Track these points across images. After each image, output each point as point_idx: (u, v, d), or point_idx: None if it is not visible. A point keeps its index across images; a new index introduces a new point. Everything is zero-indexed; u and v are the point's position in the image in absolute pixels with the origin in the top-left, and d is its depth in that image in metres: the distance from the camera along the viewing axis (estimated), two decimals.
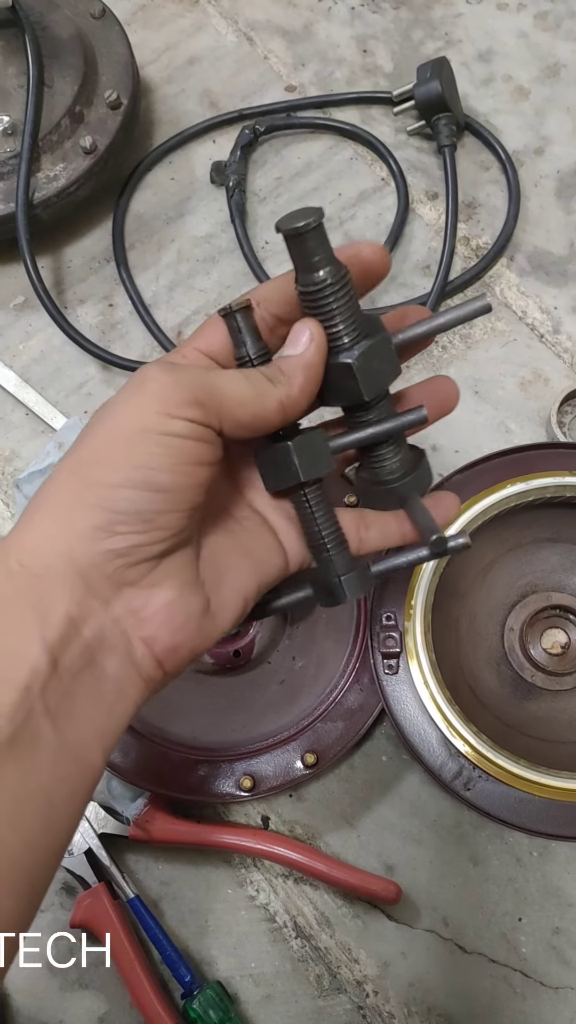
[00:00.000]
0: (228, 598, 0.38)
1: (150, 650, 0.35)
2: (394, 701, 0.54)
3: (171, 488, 0.34)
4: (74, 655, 0.33)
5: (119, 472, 0.34)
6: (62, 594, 0.33)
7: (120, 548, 0.34)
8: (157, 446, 0.34)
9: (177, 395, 0.34)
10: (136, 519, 0.34)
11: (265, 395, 0.36)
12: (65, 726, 0.32)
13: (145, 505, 0.34)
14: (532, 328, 0.71)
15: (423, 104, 0.73)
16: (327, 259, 0.36)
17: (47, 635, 0.32)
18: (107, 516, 0.34)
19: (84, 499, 0.34)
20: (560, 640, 0.60)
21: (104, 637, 0.34)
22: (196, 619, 0.36)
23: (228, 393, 0.35)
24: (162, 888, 0.59)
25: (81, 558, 0.33)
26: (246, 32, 0.82)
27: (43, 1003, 0.57)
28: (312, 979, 0.57)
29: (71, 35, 0.71)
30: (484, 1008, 0.56)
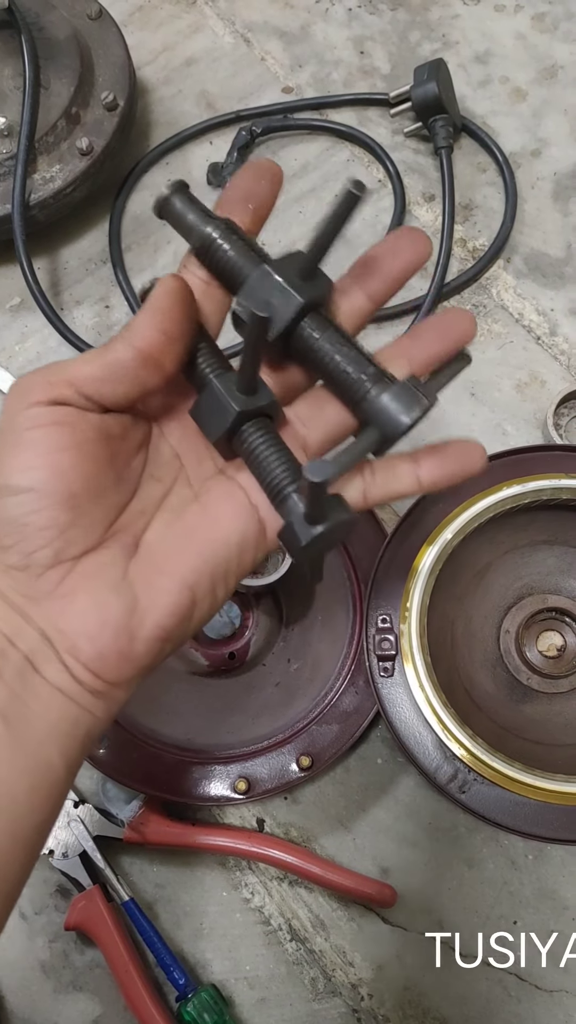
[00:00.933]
0: (165, 590, 0.35)
1: (77, 660, 0.34)
2: (389, 704, 0.54)
3: (32, 485, 0.33)
4: (14, 665, 0.33)
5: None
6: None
7: (15, 562, 0.34)
8: (11, 447, 0.34)
9: (24, 389, 0.34)
10: (14, 527, 0.33)
11: (110, 353, 0.35)
12: (17, 723, 0.32)
13: (14, 511, 0.33)
14: (529, 330, 0.71)
15: (420, 106, 0.73)
16: (201, 220, 0.36)
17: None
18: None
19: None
20: (556, 643, 0.60)
21: (36, 650, 0.34)
22: (117, 623, 0.34)
23: (75, 366, 0.35)
24: (157, 890, 0.59)
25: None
26: (243, 33, 0.82)
27: (37, 1005, 0.57)
28: (307, 982, 0.57)
29: (67, 36, 0.71)
30: (479, 1011, 0.56)
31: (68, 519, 0.34)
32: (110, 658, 0.34)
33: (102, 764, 0.57)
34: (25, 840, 0.32)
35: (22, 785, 0.32)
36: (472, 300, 0.72)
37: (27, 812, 0.32)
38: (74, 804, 0.59)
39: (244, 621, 0.63)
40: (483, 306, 0.72)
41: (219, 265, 0.37)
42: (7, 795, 0.32)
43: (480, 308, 0.72)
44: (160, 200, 0.37)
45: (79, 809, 0.58)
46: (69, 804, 0.59)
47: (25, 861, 0.33)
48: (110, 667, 0.34)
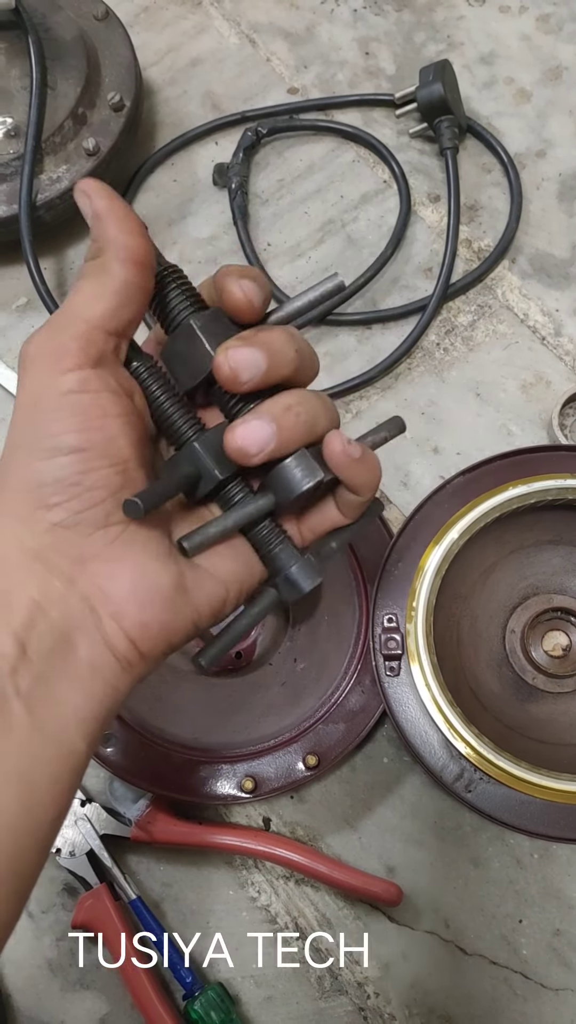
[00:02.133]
0: (205, 577, 0.37)
1: (119, 626, 0.34)
2: (396, 703, 0.54)
3: (84, 446, 0.34)
4: (43, 638, 0.32)
5: (26, 449, 0.34)
6: (22, 580, 0.33)
7: (63, 520, 0.33)
8: (55, 411, 0.34)
9: (57, 353, 0.34)
10: (63, 486, 0.33)
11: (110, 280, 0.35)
12: (40, 708, 0.32)
13: (65, 470, 0.33)
14: (534, 331, 0.71)
15: (425, 106, 0.73)
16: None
17: (12, 622, 0.32)
18: (35, 493, 0.33)
19: (9, 486, 0.34)
20: (561, 642, 0.60)
21: (73, 616, 0.33)
22: (165, 594, 0.35)
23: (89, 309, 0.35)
24: (163, 889, 0.59)
25: (30, 541, 0.33)
26: (248, 34, 0.82)
27: (44, 1003, 0.57)
28: (313, 980, 0.57)
29: (74, 37, 0.71)
30: (485, 1010, 0.56)
31: (119, 482, 0.34)
32: (153, 628, 0.35)
33: (109, 763, 0.57)
34: (43, 835, 0.32)
35: (44, 776, 0.32)
36: (477, 300, 0.72)
37: (48, 804, 0.32)
38: (81, 803, 0.59)
39: None
40: (488, 306, 0.72)
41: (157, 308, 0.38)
42: (28, 788, 0.31)
43: (485, 308, 0.72)
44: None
45: (86, 808, 0.59)
46: (76, 803, 0.59)
47: (41, 856, 0.33)
48: (150, 637, 0.35)
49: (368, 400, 0.69)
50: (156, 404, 0.37)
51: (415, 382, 0.70)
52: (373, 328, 0.71)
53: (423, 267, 0.73)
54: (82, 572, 0.34)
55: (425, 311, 0.70)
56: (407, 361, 0.70)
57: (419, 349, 0.71)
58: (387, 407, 0.69)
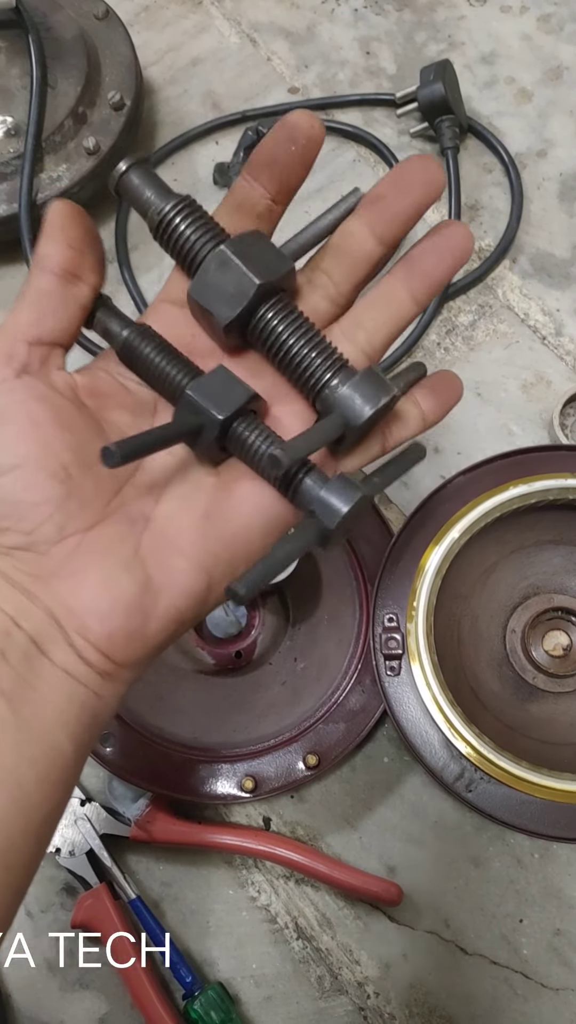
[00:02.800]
0: (180, 570, 0.34)
1: (86, 640, 0.33)
2: (396, 703, 0.54)
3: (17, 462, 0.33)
4: (19, 647, 0.32)
5: None
6: None
7: (16, 542, 0.33)
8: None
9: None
10: (5, 508, 0.33)
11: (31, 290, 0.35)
12: (23, 708, 0.32)
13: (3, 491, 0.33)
14: (534, 330, 0.71)
15: (426, 106, 0.73)
16: (159, 194, 0.35)
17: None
18: None
19: None
20: (562, 642, 0.60)
21: (42, 631, 0.33)
22: (129, 601, 0.33)
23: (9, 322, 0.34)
24: (163, 889, 0.59)
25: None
26: (249, 34, 0.82)
27: (43, 1003, 0.57)
28: (313, 980, 0.57)
29: (74, 36, 0.71)
30: (485, 1010, 0.56)
31: (63, 491, 0.33)
32: (120, 638, 0.33)
33: (109, 762, 0.57)
34: (35, 832, 0.32)
35: (31, 774, 0.31)
36: (478, 300, 0.72)
37: (38, 802, 0.32)
38: (81, 802, 0.59)
39: (251, 620, 0.63)
40: (489, 306, 0.72)
41: (176, 244, 0.35)
42: (16, 784, 0.31)
43: (486, 308, 0.72)
44: (116, 175, 0.35)
45: (86, 807, 0.59)
46: (75, 802, 0.59)
47: (35, 853, 0.32)
48: (120, 647, 0.33)
49: None
50: (149, 365, 0.35)
51: None
52: None
53: None
54: (44, 590, 0.33)
55: (426, 311, 0.70)
56: (408, 361, 0.70)
57: (420, 349, 0.70)
58: None
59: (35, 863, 0.33)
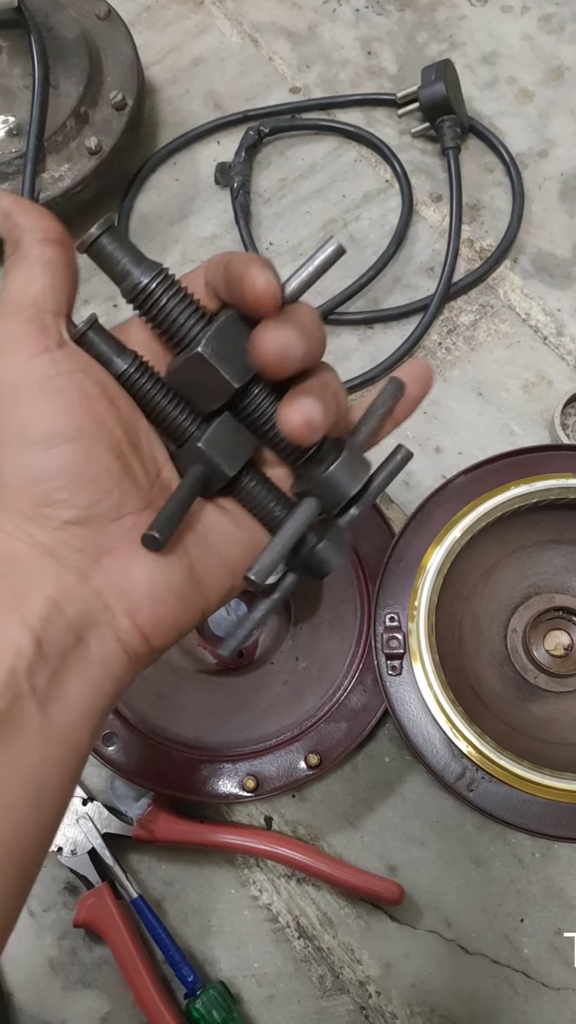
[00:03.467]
0: (215, 571, 0.36)
1: (133, 622, 0.33)
2: (397, 702, 0.54)
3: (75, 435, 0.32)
4: (59, 635, 0.31)
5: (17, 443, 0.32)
6: (37, 575, 0.32)
7: (73, 516, 0.32)
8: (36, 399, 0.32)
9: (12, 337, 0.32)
10: (64, 480, 0.32)
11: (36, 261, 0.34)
12: (53, 708, 0.31)
13: (62, 461, 0.32)
14: (536, 330, 0.71)
15: (427, 106, 0.73)
16: (133, 261, 0.35)
17: (28, 616, 0.31)
18: (35, 489, 0.32)
19: (9, 482, 0.32)
20: (563, 642, 0.60)
21: (87, 613, 0.32)
22: (180, 588, 0.34)
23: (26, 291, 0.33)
24: (165, 888, 0.59)
25: (41, 537, 0.32)
26: (251, 34, 0.82)
27: (45, 1002, 0.57)
28: (315, 979, 0.57)
29: (76, 36, 0.72)
30: (486, 1009, 0.56)
31: (120, 467, 0.33)
32: (166, 622, 0.34)
33: (111, 762, 0.57)
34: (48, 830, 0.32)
35: (54, 775, 0.31)
36: (479, 300, 0.72)
37: (55, 801, 0.31)
38: (83, 801, 0.59)
39: None
40: (490, 306, 0.72)
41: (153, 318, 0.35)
42: (38, 787, 0.31)
43: (487, 308, 0.72)
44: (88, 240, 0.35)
45: (88, 807, 0.59)
46: (77, 801, 0.59)
47: (45, 849, 0.32)
48: (162, 632, 0.34)
49: None
50: (149, 404, 0.36)
51: None
52: (375, 327, 0.71)
53: (425, 267, 0.73)
54: (96, 568, 0.33)
55: (427, 311, 0.70)
56: (409, 361, 0.70)
57: (421, 348, 0.71)
58: None
59: (42, 861, 0.33)
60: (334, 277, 0.73)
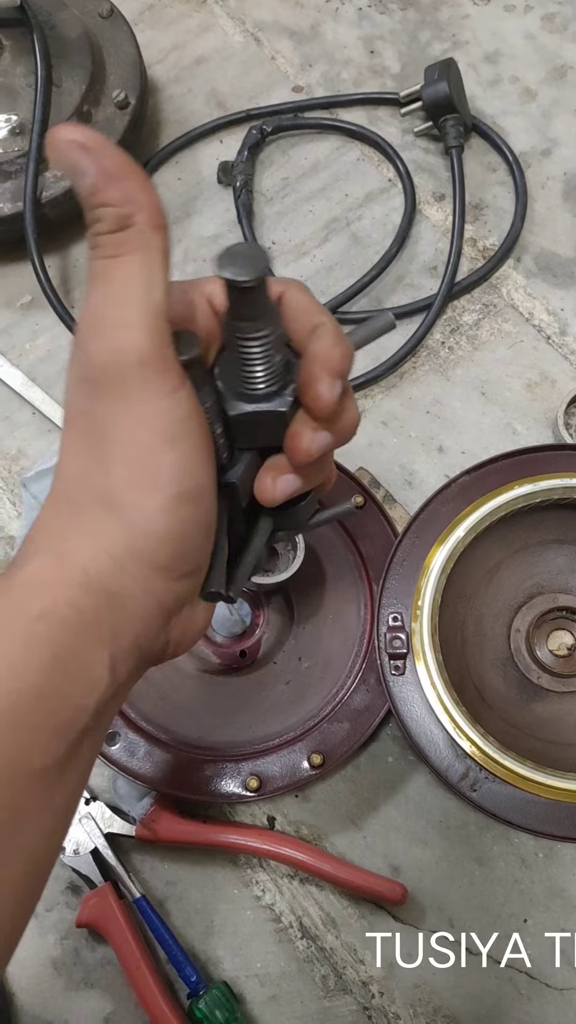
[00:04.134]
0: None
1: (170, 648, 0.35)
2: (401, 702, 0.54)
3: (196, 494, 0.31)
4: (130, 671, 0.32)
5: (147, 488, 0.30)
6: (135, 615, 0.31)
7: (189, 569, 0.33)
8: (161, 449, 0.30)
9: (147, 358, 0.29)
10: (188, 537, 0.32)
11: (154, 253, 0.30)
12: (96, 739, 0.32)
13: (190, 519, 0.31)
14: (539, 330, 0.71)
15: (430, 105, 0.73)
16: (262, 313, 0.32)
17: (115, 654, 0.31)
18: (170, 545, 0.31)
19: (141, 529, 0.31)
20: (567, 642, 0.60)
21: (153, 648, 0.33)
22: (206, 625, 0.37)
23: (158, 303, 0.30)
24: (168, 888, 0.59)
25: (158, 590, 0.32)
26: (253, 32, 0.82)
27: (48, 1002, 0.57)
28: (318, 980, 0.57)
29: (79, 35, 0.71)
30: (489, 1009, 0.56)
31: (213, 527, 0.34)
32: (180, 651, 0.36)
33: (114, 761, 0.57)
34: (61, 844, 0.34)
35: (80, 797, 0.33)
36: (482, 299, 0.72)
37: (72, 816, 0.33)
38: (86, 801, 0.59)
39: (255, 619, 0.63)
40: (493, 305, 0.72)
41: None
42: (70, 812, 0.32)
43: (490, 307, 0.72)
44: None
45: (91, 806, 0.59)
46: (80, 801, 0.59)
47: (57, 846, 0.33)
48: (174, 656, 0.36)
49: (373, 399, 0.69)
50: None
51: (420, 381, 0.70)
52: None
53: (428, 266, 0.73)
54: (179, 615, 0.34)
55: (430, 310, 0.70)
56: (412, 360, 0.70)
57: (424, 348, 0.70)
58: (392, 406, 0.69)
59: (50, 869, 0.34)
60: (337, 276, 0.73)
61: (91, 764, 0.32)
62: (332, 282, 0.73)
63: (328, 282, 0.73)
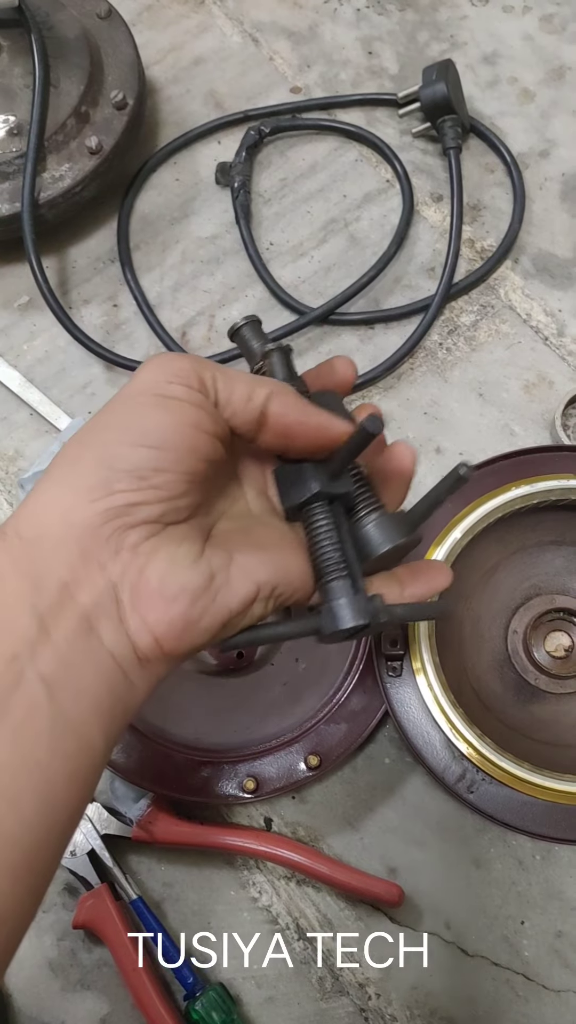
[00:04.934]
0: (236, 577, 0.36)
1: (144, 621, 0.34)
2: (397, 703, 0.54)
3: (166, 446, 0.35)
4: (69, 622, 0.32)
5: (115, 431, 0.35)
6: (56, 559, 0.33)
7: (117, 506, 0.34)
8: (152, 406, 0.35)
9: (176, 365, 0.36)
10: (133, 476, 0.34)
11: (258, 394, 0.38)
12: (62, 696, 0.31)
13: (141, 462, 0.34)
14: (537, 331, 0.71)
15: (428, 106, 0.73)
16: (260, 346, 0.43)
17: (38, 603, 0.32)
18: (104, 474, 0.34)
19: (83, 460, 0.35)
20: (564, 643, 0.60)
21: (99, 602, 0.33)
22: (194, 592, 0.35)
23: (235, 386, 0.37)
24: (165, 889, 0.59)
25: (77, 519, 0.33)
26: (251, 33, 0.82)
27: (45, 1004, 0.57)
28: (314, 981, 0.57)
29: (77, 35, 0.71)
30: (486, 1011, 0.56)
31: (182, 490, 0.35)
32: (177, 625, 0.34)
33: (111, 762, 0.57)
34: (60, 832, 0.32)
35: (63, 771, 0.31)
36: (480, 300, 0.72)
37: (66, 801, 0.31)
38: None
39: None
40: (491, 306, 0.72)
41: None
42: (46, 781, 0.30)
43: (488, 308, 0.72)
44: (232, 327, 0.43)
45: (87, 808, 0.58)
46: None
47: (58, 853, 0.32)
48: (174, 635, 0.34)
49: (370, 400, 0.69)
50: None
51: (417, 382, 0.70)
52: (376, 328, 0.71)
53: (426, 267, 0.73)
54: (116, 560, 0.34)
55: (428, 311, 0.70)
56: (410, 361, 0.70)
57: (422, 349, 0.70)
58: (389, 407, 0.69)
59: (56, 865, 0.33)
60: (335, 277, 0.73)
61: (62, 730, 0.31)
62: (330, 283, 0.73)
63: (326, 283, 0.73)
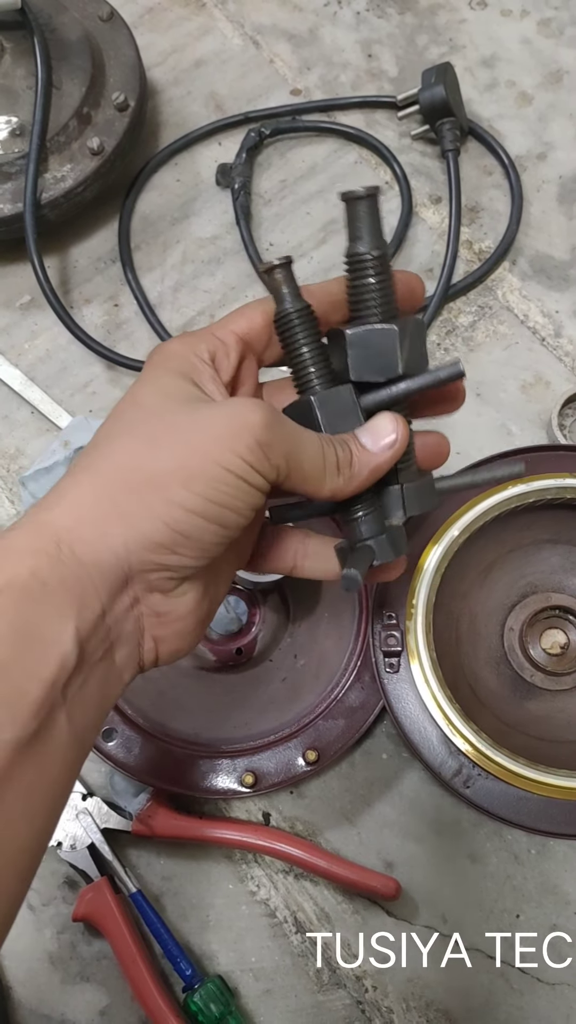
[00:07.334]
0: (219, 596, 0.41)
1: (156, 647, 0.37)
2: (395, 699, 0.55)
3: (233, 526, 0.35)
4: (98, 651, 0.34)
5: (194, 500, 0.34)
6: (102, 588, 0.33)
7: (172, 565, 0.35)
8: (232, 487, 0.34)
9: (265, 442, 0.34)
10: (196, 546, 0.35)
11: (326, 479, 0.37)
12: (77, 715, 0.32)
13: (209, 537, 0.35)
14: (534, 332, 0.71)
15: (427, 109, 0.74)
16: (372, 234, 0.40)
17: (80, 627, 0.32)
18: (172, 536, 0.34)
19: (153, 510, 0.34)
20: (559, 640, 0.60)
21: (122, 629, 0.35)
22: (204, 622, 0.39)
23: (304, 464, 0.36)
24: (164, 883, 0.59)
25: (135, 564, 0.34)
26: (252, 36, 0.83)
27: (44, 996, 0.58)
28: (312, 974, 0.58)
29: (79, 37, 0.72)
30: (481, 1004, 0.56)
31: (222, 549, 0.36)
32: (183, 652, 0.38)
33: (111, 757, 0.57)
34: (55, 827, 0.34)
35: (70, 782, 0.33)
36: (478, 302, 0.73)
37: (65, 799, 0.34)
38: (82, 797, 0.59)
39: (251, 617, 0.63)
40: (488, 307, 0.72)
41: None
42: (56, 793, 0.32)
43: (486, 309, 0.72)
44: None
45: (87, 802, 0.59)
46: (77, 797, 0.59)
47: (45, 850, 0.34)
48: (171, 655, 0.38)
49: None
50: (291, 346, 0.40)
51: None
52: None
53: (424, 268, 0.74)
54: (147, 599, 0.36)
55: (426, 311, 0.71)
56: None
57: None
58: None
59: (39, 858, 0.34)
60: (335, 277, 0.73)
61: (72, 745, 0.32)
62: None
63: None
